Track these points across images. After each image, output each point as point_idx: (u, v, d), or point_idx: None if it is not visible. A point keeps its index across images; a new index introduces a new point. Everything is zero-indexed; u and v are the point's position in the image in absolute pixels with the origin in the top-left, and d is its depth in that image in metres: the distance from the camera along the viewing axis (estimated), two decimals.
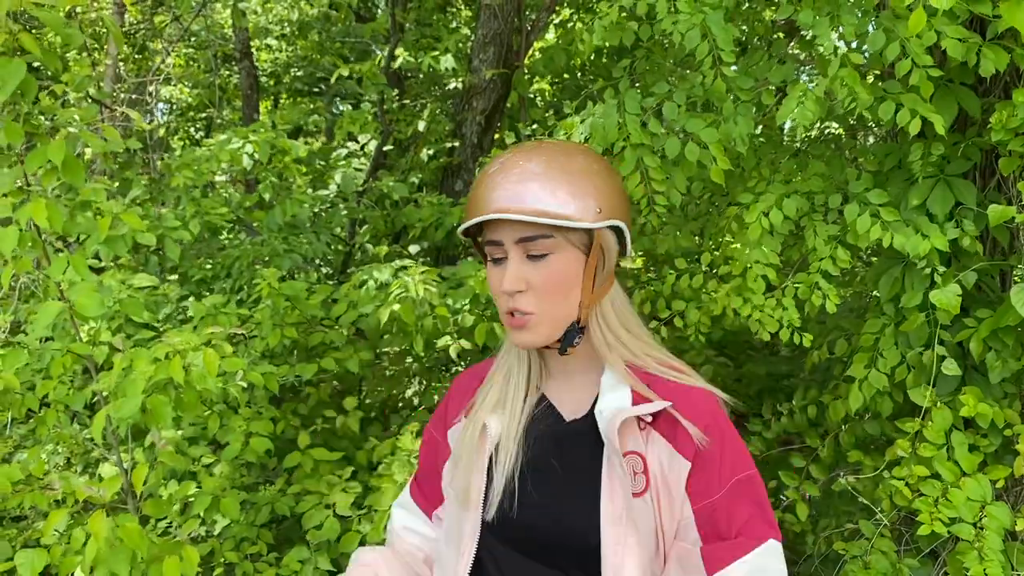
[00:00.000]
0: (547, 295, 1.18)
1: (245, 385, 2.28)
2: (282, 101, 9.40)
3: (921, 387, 2.26)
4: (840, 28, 2.08)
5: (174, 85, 8.70)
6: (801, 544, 2.83)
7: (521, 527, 1.20)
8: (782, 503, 2.70)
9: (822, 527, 2.74)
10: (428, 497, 1.42)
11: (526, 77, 4.93)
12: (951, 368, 2.21)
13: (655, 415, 1.18)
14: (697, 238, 2.98)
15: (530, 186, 1.16)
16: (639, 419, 1.18)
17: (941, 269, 2.17)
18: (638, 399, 1.20)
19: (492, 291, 1.22)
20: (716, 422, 1.20)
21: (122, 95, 5.38)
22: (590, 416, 1.22)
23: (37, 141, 1.78)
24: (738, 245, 2.48)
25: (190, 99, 9.15)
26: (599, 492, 1.17)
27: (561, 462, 1.22)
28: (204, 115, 9.14)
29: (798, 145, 3.06)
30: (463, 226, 1.22)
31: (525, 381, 1.29)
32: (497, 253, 1.20)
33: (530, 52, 5.15)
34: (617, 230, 1.23)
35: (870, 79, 2.40)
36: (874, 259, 3.13)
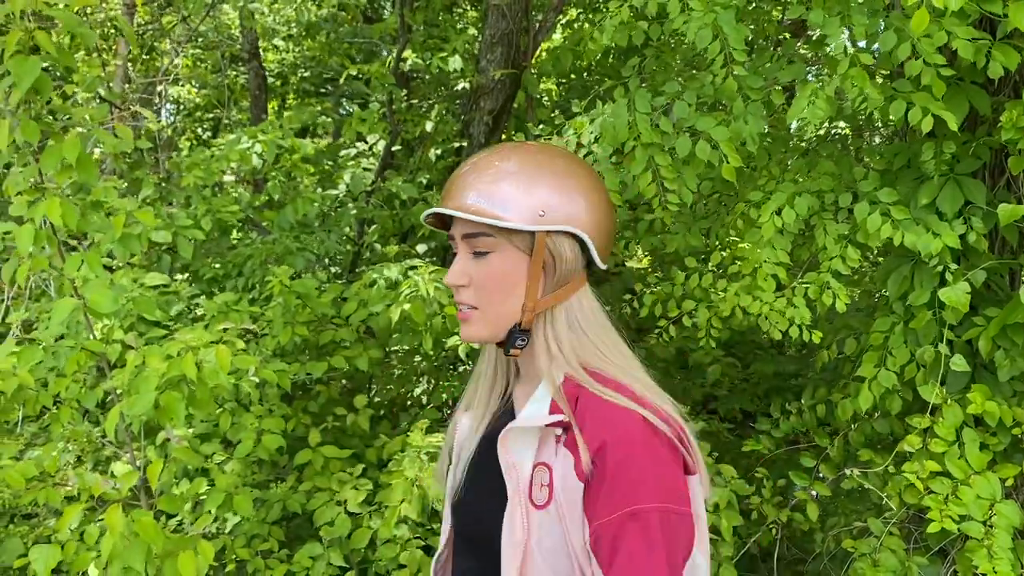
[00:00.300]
0: (485, 292, 1.20)
1: (257, 382, 2.30)
2: (289, 102, 9.42)
3: (930, 385, 2.26)
4: (850, 28, 2.08)
5: (182, 85, 8.73)
6: (810, 542, 2.84)
7: (460, 522, 1.29)
8: (791, 501, 2.70)
9: (830, 525, 2.75)
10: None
11: (533, 77, 4.94)
12: (960, 364, 2.21)
13: (566, 430, 1.13)
14: (706, 238, 2.98)
15: (476, 184, 1.20)
16: (554, 431, 1.14)
17: (953, 267, 2.18)
18: (555, 411, 1.15)
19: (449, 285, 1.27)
20: (622, 446, 1.08)
21: (132, 95, 5.40)
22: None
23: (52, 139, 1.79)
24: (747, 244, 2.49)
25: (198, 99, 9.17)
26: (505, 497, 1.15)
27: (484, 464, 1.25)
28: (211, 115, 9.16)
29: (806, 144, 3.06)
30: (422, 216, 1.29)
31: (490, 381, 1.33)
32: (454, 247, 1.24)
33: (537, 52, 5.16)
34: (578, 238, 1.19)
35: (880, 79, 2.40)
36: (882, 258, 3.13)
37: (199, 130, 9.55)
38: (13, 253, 1.87)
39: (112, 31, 6.23)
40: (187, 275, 3.81)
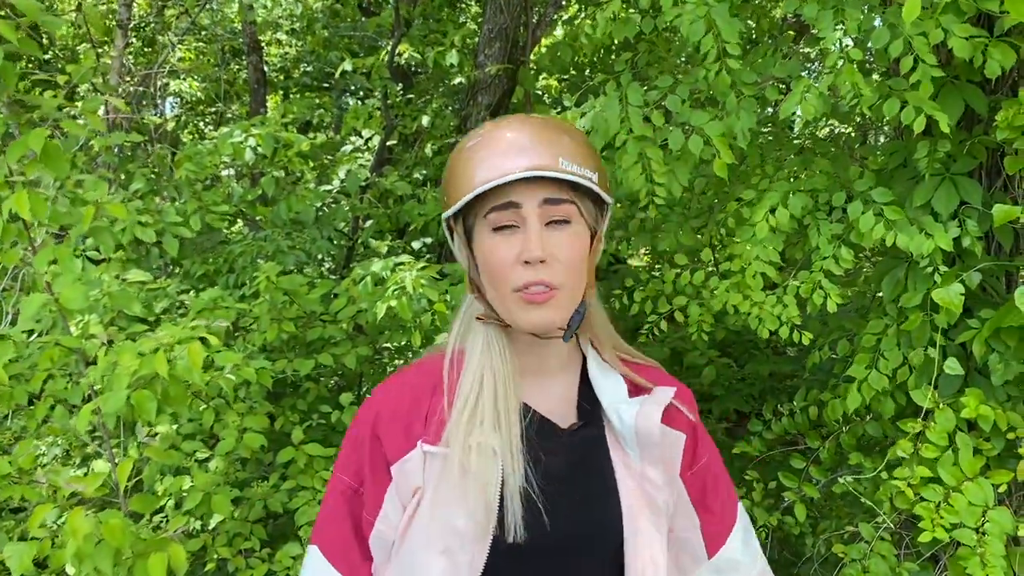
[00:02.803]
0: (573, 266, 1.08)
1: (234, 379, 2.26)
2: (291, 96, 9.40)
3: (923, 388, 2.22)
4: (844, 23, 2.04)
5: (183, 79, 8.71)
6: (800, 546, 2.79)
7: (554, 543, 1.09)
8: (782, 504, 2.66)
9: (822, 529, 2.71)
10: (360, 557, 1.17)
11: (532, 73, 4.90)
12: (953, 367, 2.17)
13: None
14: (699, 236, 2.94)
15: (558, 143, 1.06)
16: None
17: (943, 269, 2.13)
18: (632, 389, 1.17)
19: (499, 265, 1.07)
20: (690, 396, 1.25)
21: (130, 88, 5.38)
22: (589, 418, 1.17)
23: (19, 130, 1.76)
24: (740, 242, 2.45)
25: (199, 93, 9.16)
26: (617, 489, 1.14)
27: (573, 471, 1.14)
28: (213, 109, 9.14)
29: (801, 142, 3.01)
30: (476, 192, 1.05)
31: (514, 386, 1.12)
32: (508, 220, 1.06)
33: (536, 48, 5.12)
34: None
35: (876, 77, 2.35)
36: (878, 259, 3.08)
37: (201, 124, 9.54)
38: None
39: (113, 24, 6.21)
40: (179, 271, 3.79)
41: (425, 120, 4.92)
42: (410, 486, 1.11)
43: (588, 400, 1.18)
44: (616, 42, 2.55)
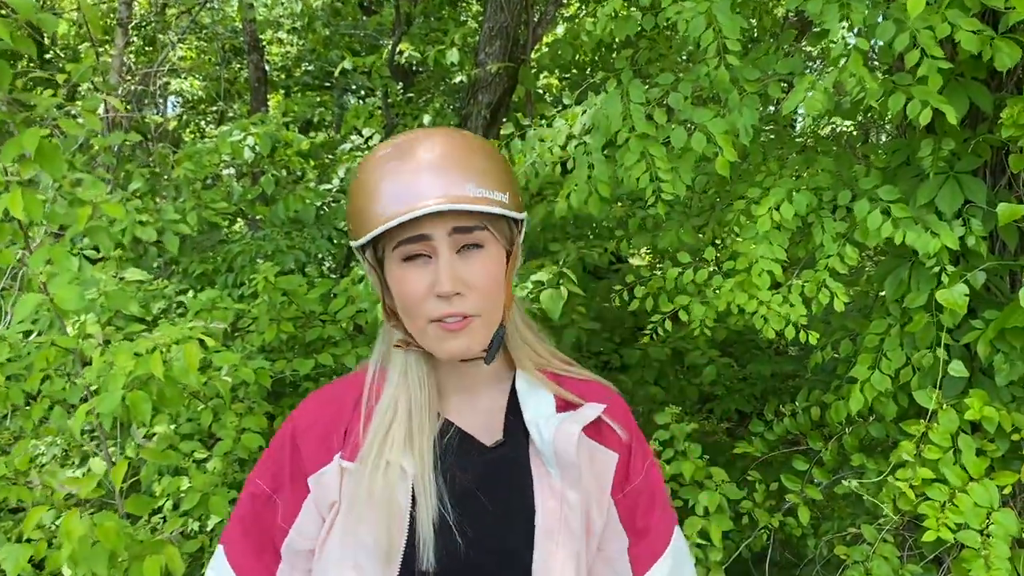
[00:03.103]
0: (488, 292, 1.05)
1: (230, 381, 2.24)
2: (292, 95, 9.39)
3: (927, 389, 2.20)
4: (848, 18, 2.01)
5: (184, 78, 8.70)
6: (802, 548, 2.77)
7: (466, 567, 1.08)
8: (783, 506, 2.64)
9: (824, 531, 2.68)
10: (265, 563, 1.16)
11: (533, 71, 4.87)
12: (957, 370, 2.15)
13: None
14: (701, 234, 2.92)
15: (464, 168, 1.03)
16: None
17: (950, 268, 2.11)
18: (560, 405, 1.14)
19: (412, 298, 1.05)
20: (626, 412, 1.22)
21: (130, 87, 5.36)
22: (513, 435, 1.15)
23: (16, 129, 1.74)
24: (743, 240, 2.42)
25: (201, 92, 9.15)
26: (533, 509, 1.11)
27: (489, 489, 1.12)
28: (215, 108, 9.14)
29: (803, 140, 2.99)
30: (383, 228, 1.01)
31: (430, 408, 1.11)
32: (419, 251, 1.04)
33: (537, 46, 5.09)
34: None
35: (880, 73, 2.33)
36: (880, 258, 3.06)
37: (203, 123, 9.54)
38: None
39: (114, 23, 6.20)
40: (177, 270, 3.77)
41: (426, 119, 4.90)
42: (328, 499, 1.11)
43: (516, 416, 1.16)
44: (617, 40, 2.52)
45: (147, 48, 8.18)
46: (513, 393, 1.17)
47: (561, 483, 1.11)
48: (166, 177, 3.85)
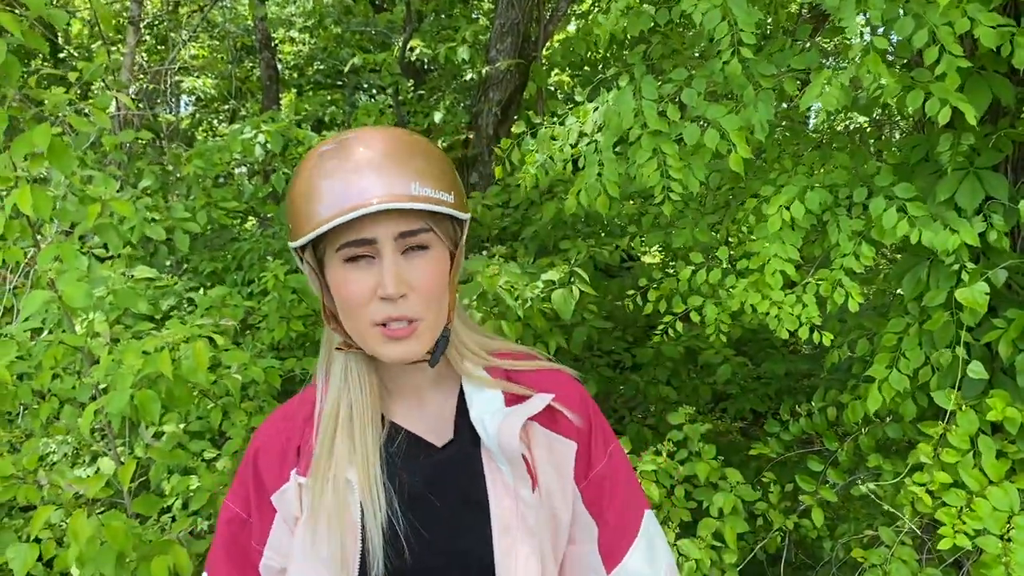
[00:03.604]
0: (432, 295, 1.03)
1: (239, 379, 2.22)
2: (304, 93, 9.39)
3: (946, 390, 2.16)
4: (866, 13, 1.98)
5: (196, 76, 8.71)
6: (818, 550, 2.74)
7: (416, 571, 1.07)
8: (799, 507, 2.60)
9: (840, 533, 2.65)
10: (255, 541, 1.15)
11: (544, 68, 4.85)
12: (977, 371, 2.11)
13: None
14: (715, 232, 2.88)
15: (406, 168, 1.01)
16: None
17: (970, 266, 2.07)
18: (510, 400, 1.12)
19: (354, 300, 1.02)
20: (583, 398, 1.19)
21: (142, 85, 5.36)
22: (463, 435, 1.12)
23: (25, 126, 1.72)
24: (757, 239, 2.39)
25: (212, 91, 9.17)
26: (487, 507, 1.09)
27: (439, 491, 1.10)
28: (227, 107, 9.15)
29: (819, 136, 2.95)
30: (325, 227, 0.99)
31: (373, 411, 1.09)
32: (362, 252, 1.01)
33: (549, 43, 5.06)
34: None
35: (898, 69, 2.29)
36: (898, 256, 3.02)
37: (215, 121, 9.55)
38: None
39: (126, 22, 6.20)
40: (188, 268, 3.76)
41: (437, 116, 4.88)
42: (292, 515, 1.10)
43: (465, 416, 1.13)
44: (629, 37, 2.49)
45: (159, 47, 8.20)
46: (461, 393, 1.15)
47: (513, 480, 1.09)
48: (177, 175, 3.84)
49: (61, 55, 8.17)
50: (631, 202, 3.62)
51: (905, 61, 2.40)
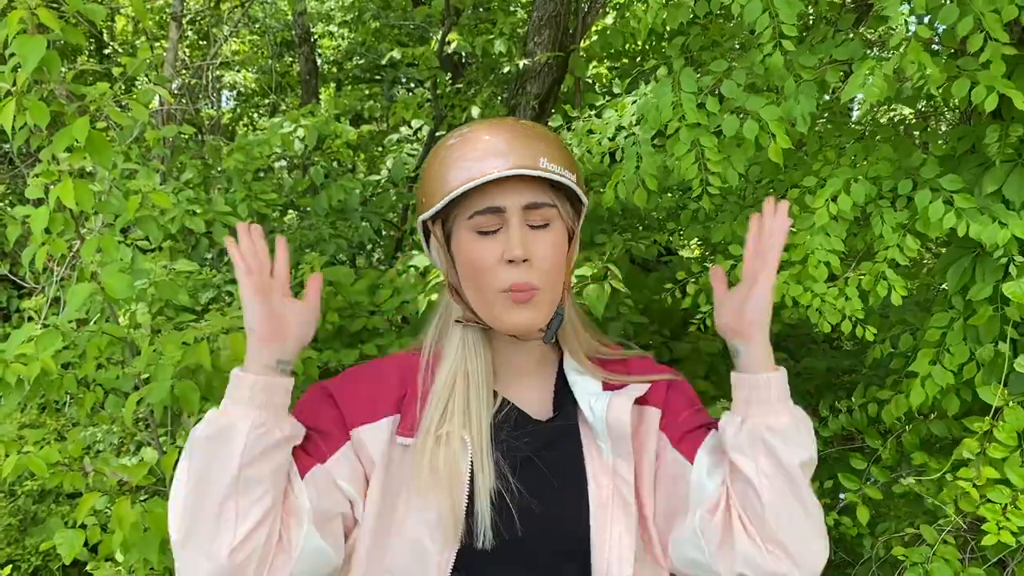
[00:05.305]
0: (552, 269, 1.11)
1: None
2: (343, 87, 9.45)
3: (991, 385, 2.11)
4: (910, 2, 1.94)
5: (237, 71, 8.81)
6: (859, 547, 2.69)
7: (523, 539, 1.09)
8: (838, 504, 2.57)
9: (881, 530, 2.60)
10: (308, 452, 1.13)
11: (582, 60, 4.82)
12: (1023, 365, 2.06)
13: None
14: None
15: (537, 145, 1.09)
16: None
17: (1018, 259, 2.02)
18: (606, 386, 1.19)
19: (482, 265, 1.09)
20: (662, 367, 1.27)
21: (184, 80, 5.44)
22: (565, 412, 1.19)
23: (67, 121, 1.76)
24: (799, 231, 2.35)
25: (253, 85, 9.27)
26: (586, 483, 1.14)
27: (544, 461, 1.15)
28: (268, 101, 9.25)
29: (863, 128, 2.90)
30: (457, 191, 1.06)
31: (487, 384, 1.15)
32: (492, 224, 1.09)
33: (587, 34, 5.03)
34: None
35: (943, 59, 2.24)
36: (942, 249, 2.96)
37: (256, 115, 9.67)
38: (31, 238, 1.85)
39: (167, 18, 6.30)
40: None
41: (475, 110, 4.87)
42: (367, 455, 1.11)
43: (564, 396, 1.21)
44: (668, 29, 2.47)
45: (201, 42, 8.31)
46: (561, 374, 1.22)
47: (613, 458, 1.14)
48: (218, 169, 3.90)
49: (106, 51, 8.31)
50: (668, 195, 3.59)
51: (952, 51, 2.35)
